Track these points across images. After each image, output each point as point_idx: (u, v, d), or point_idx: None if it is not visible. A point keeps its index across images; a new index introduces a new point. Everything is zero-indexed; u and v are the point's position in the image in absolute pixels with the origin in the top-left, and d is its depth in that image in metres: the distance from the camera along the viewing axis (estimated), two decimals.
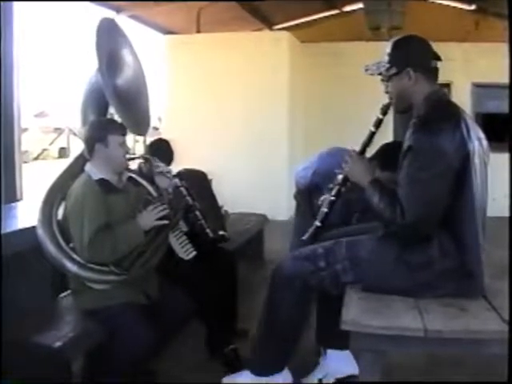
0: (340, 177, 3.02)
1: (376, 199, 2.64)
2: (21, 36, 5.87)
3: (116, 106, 3.27)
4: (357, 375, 3.02)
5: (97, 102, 3.38)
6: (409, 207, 2.50)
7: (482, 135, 2.71)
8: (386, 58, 2.82)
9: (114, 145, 3.12)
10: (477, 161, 2.58)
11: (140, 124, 3.53)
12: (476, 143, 2.59)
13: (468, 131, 2.55)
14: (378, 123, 2.96)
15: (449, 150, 2.47)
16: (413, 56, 2.77)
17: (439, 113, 2.62)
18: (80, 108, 3.45)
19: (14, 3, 5.61)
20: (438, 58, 2.82)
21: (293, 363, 3.15)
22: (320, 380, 3.23)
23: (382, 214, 2.62)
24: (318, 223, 3.11)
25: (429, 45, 2.83)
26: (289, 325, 2.96)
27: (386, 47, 2.85)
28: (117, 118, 3.32)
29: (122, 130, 3.19)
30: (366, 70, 2.90)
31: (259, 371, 3.01)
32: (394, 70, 2.78)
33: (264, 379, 2.98)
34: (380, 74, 2.85)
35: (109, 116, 3.42)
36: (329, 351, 3.30)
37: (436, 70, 2.81)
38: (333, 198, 3.07)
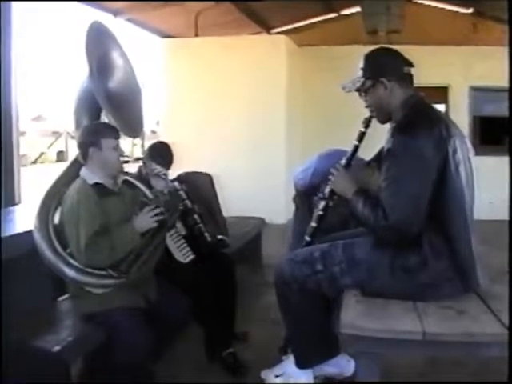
0: (327, 190, 3.05)
1: (360, 207, 2.68)
2: (19, 40, 5.87)
3: (108, 109, 3.26)
4: None
5: (89, 106, 3.37)
6: (390, 209, 2.54)
7: (463, 133, 2.76)
8: (360, 73, 2.90)
9: (107, 148, 3.12)
10: (460, 156, 2.62)
11: (133, 126, 3.53)
12: (457, 140, 2.63)
13: (447, 129, 2.60)
14: (361, 137, 3.02)
15: (427, 150, 2.52)
16: (385, 66, 2.85)
17: (416, 115, 2.67)
18: (73, 112, 3.45)
19: (13, 6, 5.61)
20: (410, 64, 2.87)
21: (260, 355, 3.43)
22: (276, 376, 3.26)
23: (366, 220, 2.65)
24: (307, 238, 3.14)
25: (398, 53, 2.90)
26: (295, 325, 3.03)
27: (359, 63, 2.92)
28: (109, 120, 3.31)
29: (115, 134, 3.18)
30: (344, 88, 2.97)
31: (297, 364, 3.11)
32: (369, 83, 2.86)
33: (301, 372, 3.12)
34: (358, 90, 2.92)
35: (103, 119, 3.41)
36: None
37: (410, 75, 2.87)
38: (321, 212, 3.11)
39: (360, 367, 2.46)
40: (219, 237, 4.02)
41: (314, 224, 3.14)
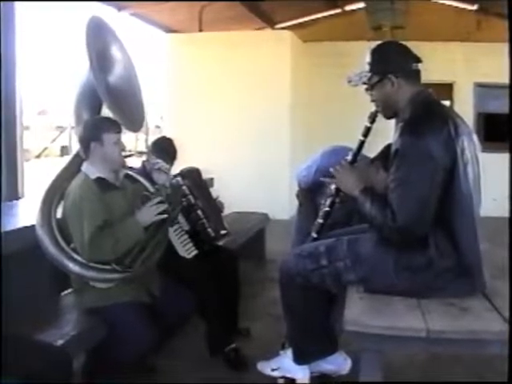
0: (333, 187, 3.04)
1: (368, 206, 2.65)
2: (23, 34, 5.89)
3: (109, 103, 3.25)
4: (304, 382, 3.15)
5: (90, 101, 3.35)
6: (399, 210, 2.51)
7: (471, 130, 2.73)
8: (367, 68, 2.84)
9: (109, 143, 3.12)
10: (468, 156, 2.59)
11: (134, 120, 3.52)
12: (465, 139, 2.60)
13: (456, 128, 2.56)
14: (367, 132, 2.99)
15: (436, 150, 2.49)
16: (392, 62, 2.79)
17: (424, 114, 2.63)
18: (73, 107, 3.44)
19: (16, 3, 5.61)
20: (419, 60, 2.82)
21: (262, 351, 3.47)
22: (273, 370, 3.26)
23: (374, 220, 2.63)
24: (314, 235, 3.14)
25: (407, 48, 2.85)
26: (297, 320, 3.03)
27: (366, 56, 2.86)
28: (111, 115, 3.30)
29: (116, 128, 3.18)
30: (349, 81, 2.91)
31: (295, 360, 3.12)
32: (375, 79, 2.81)
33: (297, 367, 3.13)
34: (364, 83, 2.87)
35: (103, 114, 3.40)
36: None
37: (418, 72, 2.82)
38: (328, 209, 3.11)
39: (363, 364, 2.46)
40: (222, 232, 4.02)
41: (320, 220, 3.14)
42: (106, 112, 3.37)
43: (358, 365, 2.52)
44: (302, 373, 3.14)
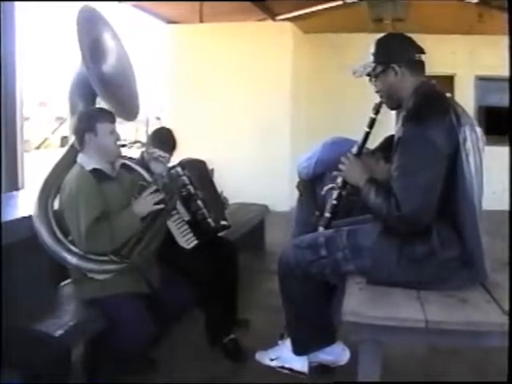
0: (339, 180, 3.04)
1: (372, 196, 2.66)
2: (23, 25, 5.90)
3: (103, 94, 3.22)
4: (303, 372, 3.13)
5: (84, 92, 3.33)
6: (403, 199, 2.51)
7: (474, 122, 2.73)
8: (371, 58, 2.87)
9: (103, 133, 3.09)
10: (470, 146, 2.59)
11: (128, 109, 3.50)
12: (467, 129, 2.60)
13: (458, 118, 2.57)
14: (372, 123, 3.00)
15: (438, 139, 2.49)
16: (396, 52, 2.82)
17: (427, 103, 2.64)
18: (67, 99, 3.42)
19: None
20: (422, 51, 2.84)
21: (261, 342, 3.43)
22: (271, 360, 3.27)
23: (379, 209, 2.62)
24: (322, 229, 3.13)
25: (411, 39, 2.87)
26: (296, 311, 3.03)
27: (371, 47, 2.89)
28: (105, 105, 3.29)
29: (110, 118, 3.15)
30: (354, 73, 2.94)
31: (293, 350, 3.11)
32: (380, 69, 2.83)
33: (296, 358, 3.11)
34: (368, 75, 2.90)
35: (98, 105, 3.39)
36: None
37: (421, 62, 2.84)
38: (335, 202, 3.11)
39: (362, 355, 2.46)
40: (223, 223, 4.01)
41: (328, 214, 3.14)
42: (101, 103, 3.36)
43: (356, 355, 2.52)
44: (300, 363, 3.14)
